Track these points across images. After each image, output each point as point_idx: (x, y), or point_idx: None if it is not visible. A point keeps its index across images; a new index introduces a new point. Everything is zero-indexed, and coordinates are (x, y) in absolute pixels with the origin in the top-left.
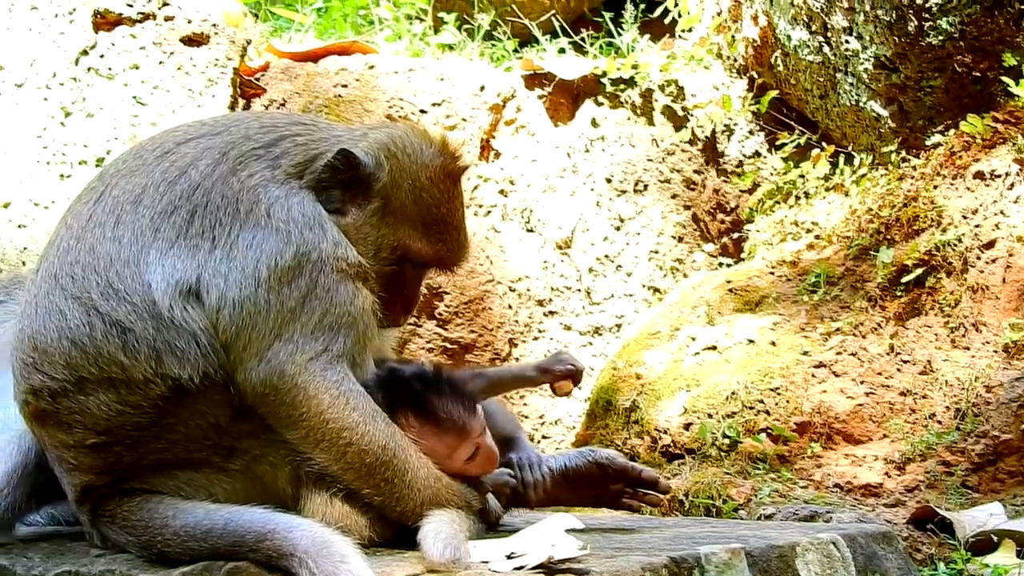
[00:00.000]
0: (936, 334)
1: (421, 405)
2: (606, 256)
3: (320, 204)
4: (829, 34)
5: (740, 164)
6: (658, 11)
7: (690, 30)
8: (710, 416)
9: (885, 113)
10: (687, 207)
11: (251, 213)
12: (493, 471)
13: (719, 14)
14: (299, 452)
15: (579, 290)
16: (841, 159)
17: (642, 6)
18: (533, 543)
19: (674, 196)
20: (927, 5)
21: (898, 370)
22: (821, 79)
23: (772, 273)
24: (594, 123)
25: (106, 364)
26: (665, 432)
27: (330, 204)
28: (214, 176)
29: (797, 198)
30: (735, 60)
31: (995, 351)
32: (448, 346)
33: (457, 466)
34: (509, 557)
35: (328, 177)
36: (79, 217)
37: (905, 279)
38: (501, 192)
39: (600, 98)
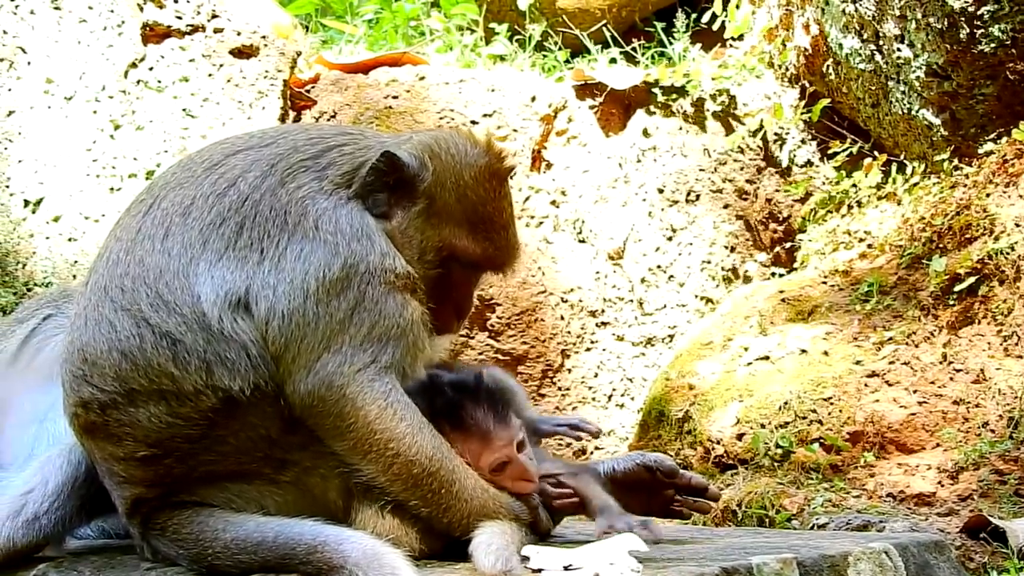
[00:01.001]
0: (989, 343)
1: (453, 411)
2: (658, 266)
3: (368, 212)
4: (881, 42)
5: (792, 173)
6: (708, 18)
7: (741, 39)
8: (763, 426)
9: (937, 121)
10: (739, 217)
11: (299, 225)
12: (529, 489)
13: (770, 23)
14: (348, 463)
15: (631, 301)
16: (893, 168)
17: (693, 15)
18: (592, 558)
19: (726, 206)
20: (979, 12)
21: (951, 379)
22: (873, 87)
23: (824, 283)
24: (645, 133)
25: (156, 376)
26: (718, 442)
27: (377, 208)
28: (262, 188)
29: (849, 207)
30: (787, 69)
31: None
32: (500, 357)
33: (485, 475)
34: (567, 568)
35: (373, 181)
36: (128, 229)
37: (958, 288)
38: (553, 203)
39: (652, 108)
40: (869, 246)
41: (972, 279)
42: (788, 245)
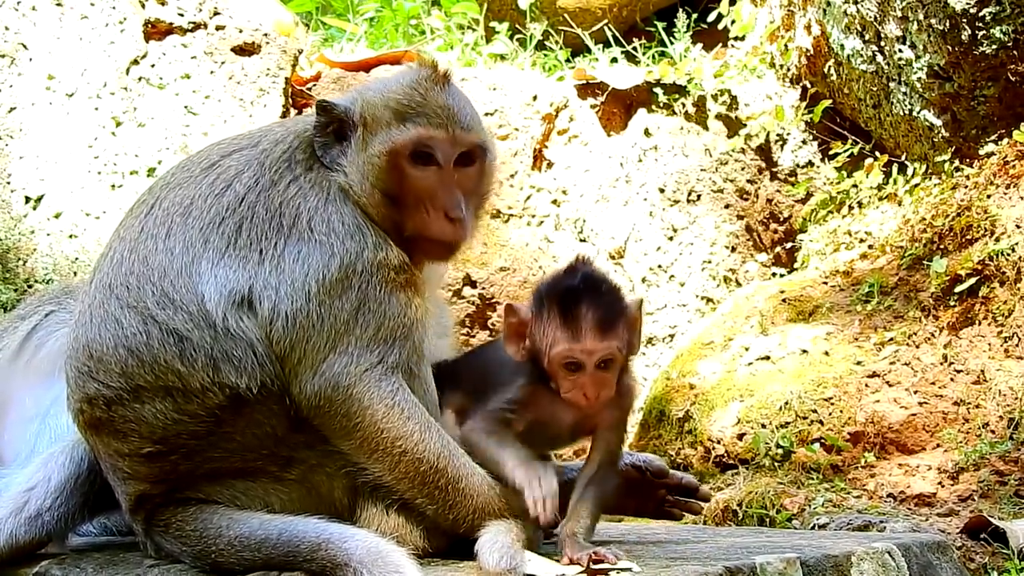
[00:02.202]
0: (989, 344)
1: (567, 294)
2: (659, 266)
3: (327, 169)
4: (882, 43)
5: (793, 174)
6: (711, 18)
7: (743, 39)
8: (763, 426)
9: (938, 122)
10: (740, 217)
11: (294, 227)
12: (579, 404)
13: (772, 23)
14: (354, 462)
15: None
16: (894, 168)
17: (695, 15)
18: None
19: (727, 206)
20: (980, 14)
21: (951, 380)
22: (874, 88)
23: (825, 283)
24: (647, 133)
25: (163, 372)
26: (718, 442)
27: (335, 164)
28: (257, 189)
29: (850, 208)
30: (788, 69)
31: None
32: None
33: (552, 368)
34: None
35: (322, 138)
36: (131, 229)
37: (958, 289)
38: (554, 202)
39: (653, 107)
40: (870, 247)
41: (973, 280)
42: (789, 245)
